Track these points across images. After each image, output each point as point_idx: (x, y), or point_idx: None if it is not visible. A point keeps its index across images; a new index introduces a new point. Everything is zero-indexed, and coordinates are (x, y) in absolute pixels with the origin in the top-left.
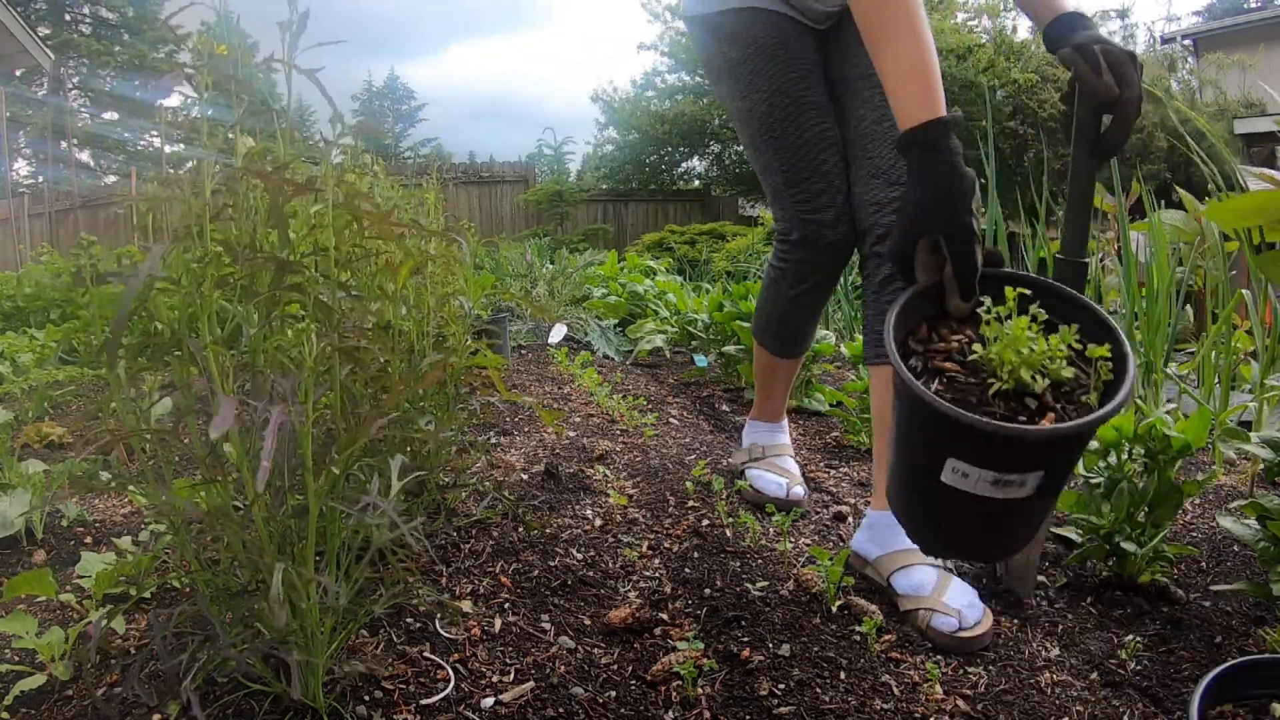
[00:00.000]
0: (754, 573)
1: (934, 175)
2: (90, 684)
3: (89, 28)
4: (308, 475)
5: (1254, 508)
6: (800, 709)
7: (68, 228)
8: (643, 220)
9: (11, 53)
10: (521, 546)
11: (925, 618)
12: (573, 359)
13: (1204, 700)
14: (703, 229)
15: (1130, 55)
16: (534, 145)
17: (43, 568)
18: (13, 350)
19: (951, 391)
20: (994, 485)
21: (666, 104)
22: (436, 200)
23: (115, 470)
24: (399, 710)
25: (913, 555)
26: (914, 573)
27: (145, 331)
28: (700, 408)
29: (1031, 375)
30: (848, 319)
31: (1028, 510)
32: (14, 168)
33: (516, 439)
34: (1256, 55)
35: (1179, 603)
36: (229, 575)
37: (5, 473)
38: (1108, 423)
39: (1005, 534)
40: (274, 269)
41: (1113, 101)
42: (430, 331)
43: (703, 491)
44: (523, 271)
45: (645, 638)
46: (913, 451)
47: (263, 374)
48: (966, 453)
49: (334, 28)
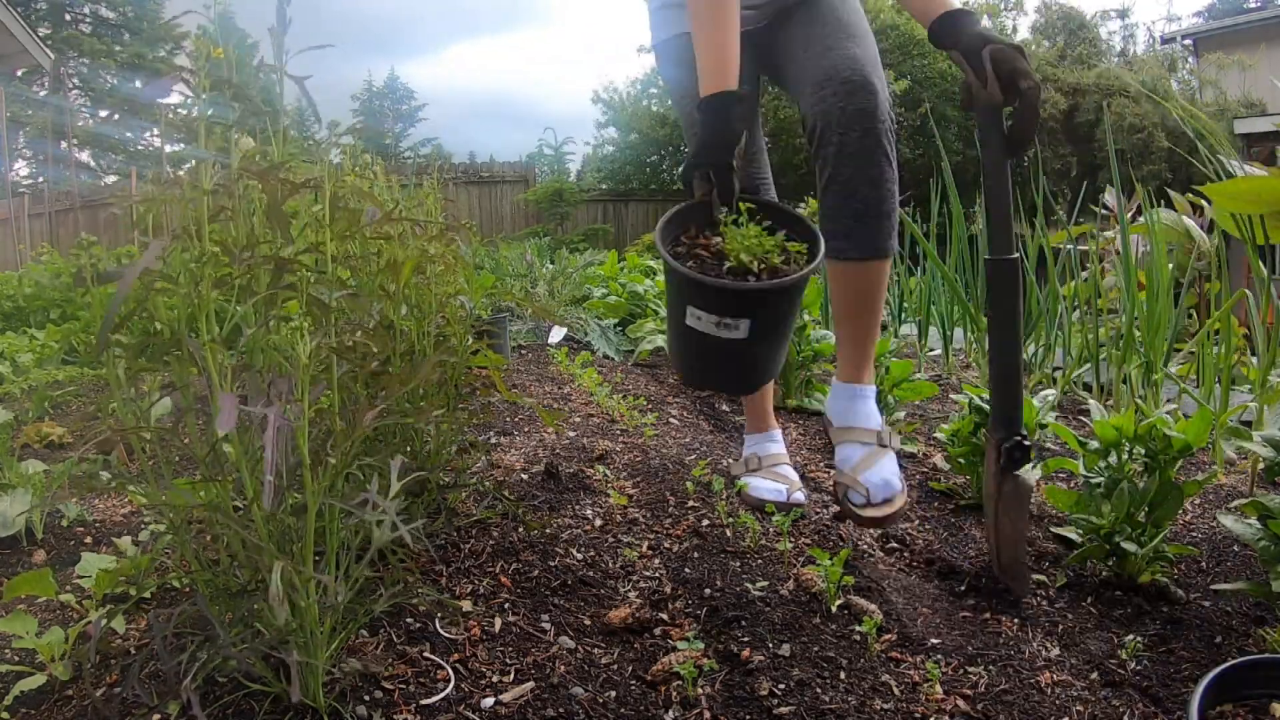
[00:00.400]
0: (754, 573)
1: (713, 128)
2: (90, 684)
3: (89, 27)
4: (306, 474)
5: (1254, 507)
6: (800, 709)
7: (68, 228)
8: (643, 220)
9: (11, 53)
10: (521, 546)
11: (842, 490)
12: (573, 359)
13: (1204, 700)
14: None
15: (1018, 49)
16: (534, 145)
17: (43, 568)
18: (13, 350)
19: (700, 267)
20: (717, 326)
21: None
22: (436, 200)
23: (115, 470)
24: (399, 710)
25: (851, 432)
26: (845, 448)
27: (145, 331)
28: (700, 408)
29: (750, 259)
30: None
31: (747, 352)
32: (14, 168)
33: (516, 439)
34: (1256, 55)
35: (1179, 603)
36: (229, 575)
37: (5, 473)
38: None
39: (735, 369)
40: (272, 268)
41: (1010, 101)
42: (431, 331)
43: (703, 491)
44: (523, 271)
45: (645, 638)
46: (673, 308)
47: (261, 373)
48: (699, 301)
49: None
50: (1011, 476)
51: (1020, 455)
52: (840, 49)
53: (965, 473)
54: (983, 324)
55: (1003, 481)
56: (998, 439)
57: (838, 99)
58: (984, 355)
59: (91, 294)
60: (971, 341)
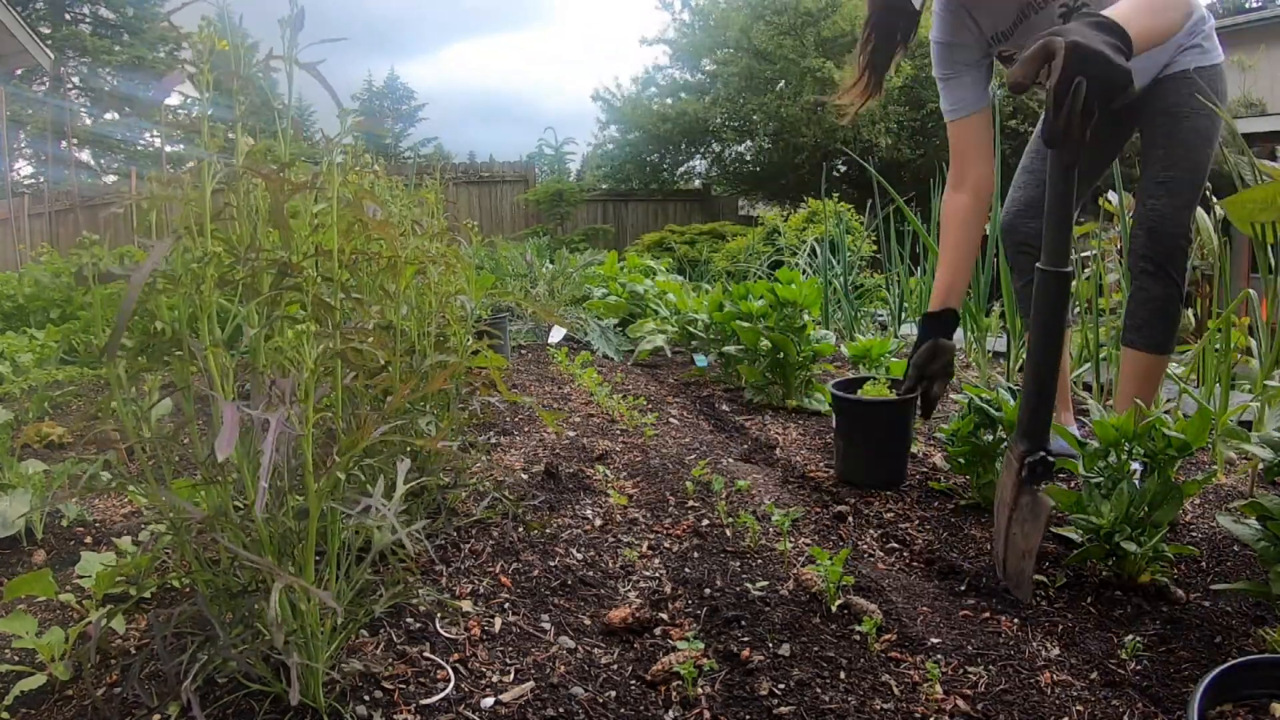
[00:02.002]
0: (754, 573)
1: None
2: (90, 684)
3: (89, 27)
4: (308, 476)
5: (1254, 507)
6: (800, 709)
7: (68, 228)
8: (643, 220)
9: (11, 53)
10: (521, 546)
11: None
12: (573, 359)
13: (1204, 700)
14: (703, 229)
15: (1045, 40)
16: (534, 145)
17: (43, 568)
18: (13, 350)
19: None
20: None
21: (668, 102)
22: (437, 200)
23: (115, 470)
24: (399, 710)
25: None
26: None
27: (146, 331)
28: (700, 408)
29: None
30: (848, 319)
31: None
32: (14, 168)
33: (516, 439)
34: (1257, 55)
35: (1179, 603)
36: (229, 575)
37: (5, 473)
38: (1107, 423)
39: None
40: (275, 270)
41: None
42: (431, 331)
43: (703, 491)
44: (523, 271)
45: (645, 638)
46: None
47: (262, 375)
48: None
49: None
50: (1030, 491)
51: (1042, 471)
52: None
53: (965, 473)
54: (983, 324)
55: (1020, 494)
56: (1022, 451)
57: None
58: (984, 355)
59: (92, 294)
60: (971, 341)
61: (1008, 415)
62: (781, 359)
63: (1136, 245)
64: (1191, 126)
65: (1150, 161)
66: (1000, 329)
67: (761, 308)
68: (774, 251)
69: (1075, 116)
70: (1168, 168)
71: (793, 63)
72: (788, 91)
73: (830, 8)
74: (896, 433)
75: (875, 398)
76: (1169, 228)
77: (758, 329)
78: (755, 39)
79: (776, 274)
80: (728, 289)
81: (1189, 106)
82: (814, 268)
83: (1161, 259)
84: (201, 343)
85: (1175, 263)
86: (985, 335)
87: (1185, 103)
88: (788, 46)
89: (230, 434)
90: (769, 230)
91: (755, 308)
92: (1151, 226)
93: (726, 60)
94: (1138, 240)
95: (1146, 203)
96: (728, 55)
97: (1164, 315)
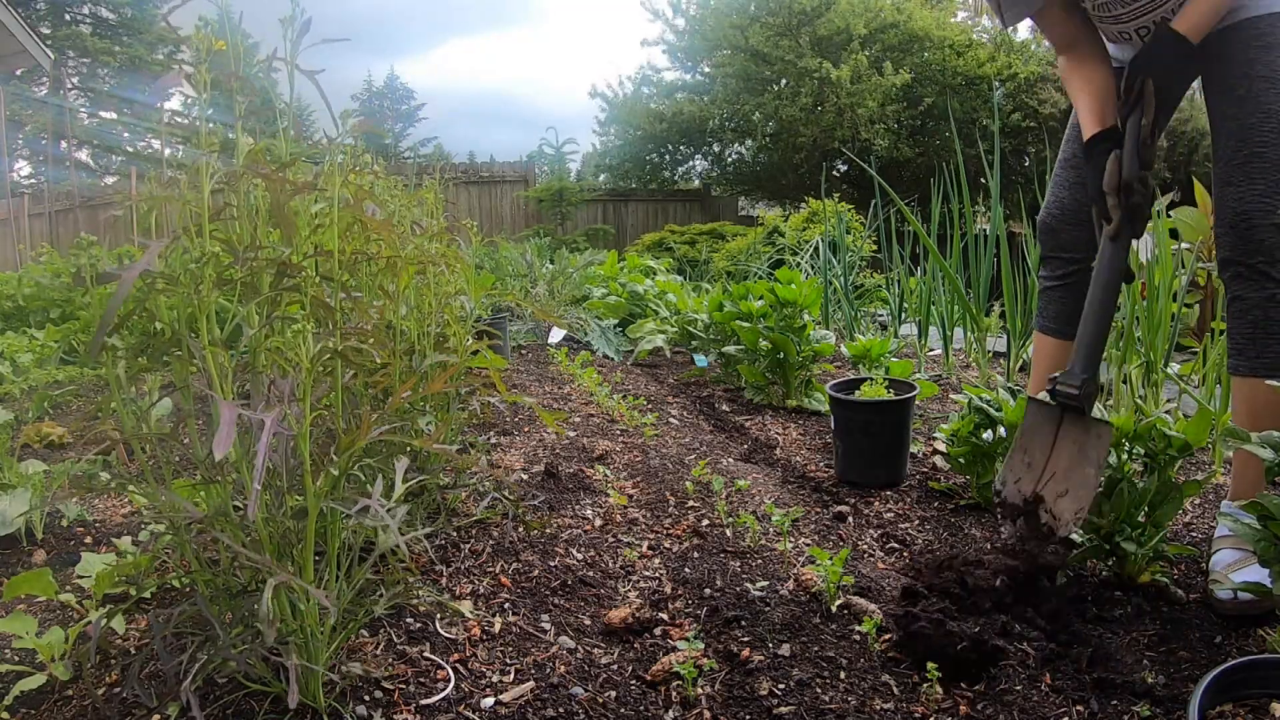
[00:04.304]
0: (754, 573)
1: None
2: (90, 684)
3: (89, 27)
4: (307, 476)
5: (1254, 507)
6: (800, 709)
7: (68, 228)
8: (643, 220)
9: (11, 53)
10: (521, 546)
11: (1212, 589)
12: (573, 359)
13: (1204, 700)
14: (703, 229)
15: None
16: (534, 145)
17: (43, 568)
18: (13, 350)
19: None
20: None
21: (665, 102)
22: (436, 200)
23: (115, 470)
24: (399, 710)
25: (1227, 539)
26: (1222, 552)
27: (145, 331)
28: (700, 408)
29: None
30: (848, 319)
31: None
32: (14, 168)
33: (516, 439)
34: None
35: (1179, 603)
36: (229, 575)
37: (5, 473)
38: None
39: None
40: (274, 269)
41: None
42: (431, 331)
43: (702, 491)
44: (523, 271)
45: (645, 638)
46: None
47: (261, 375)
48: None
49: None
50: (1080, 423)
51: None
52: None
53: (965, 473)
54: (983, 324)
55: (1065, 433)
56: (1084, 379)
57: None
58: (984, 355)
59: (91, 294)
60: (971, 341)
61: (1008, 415)
62: (781, 359)
63: (1222, 245)
64: (1270, 86)
65: (1222, 136)
66: (1000, 329)
67: (761, 308)
68: (775, 251)
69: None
70: (1244, 143)
71: (790, 63)
72: (786, 91)
73: (824, 6)
74: (896, 433)
75: (875, 398)
76: (1255, 218)
77: (758, 329)
78: (752, 40)
79: (776, 274)
80: (728, 289)
81: (1262, 62)
82: (816, 268)
83: (1252, 256)
84: (201, 342)
85: (1272, 258)
86: (985, 335)
87: (1259, 58)
88: (784, 47)
89: (227, 433)
90: (769, 230)
91: (755, 308)
92: (1234, 220)
93: (724, 62)
94: (1221, 238)
95: (1225, 191)
96: (725, 57)
97: (1268, 326)
